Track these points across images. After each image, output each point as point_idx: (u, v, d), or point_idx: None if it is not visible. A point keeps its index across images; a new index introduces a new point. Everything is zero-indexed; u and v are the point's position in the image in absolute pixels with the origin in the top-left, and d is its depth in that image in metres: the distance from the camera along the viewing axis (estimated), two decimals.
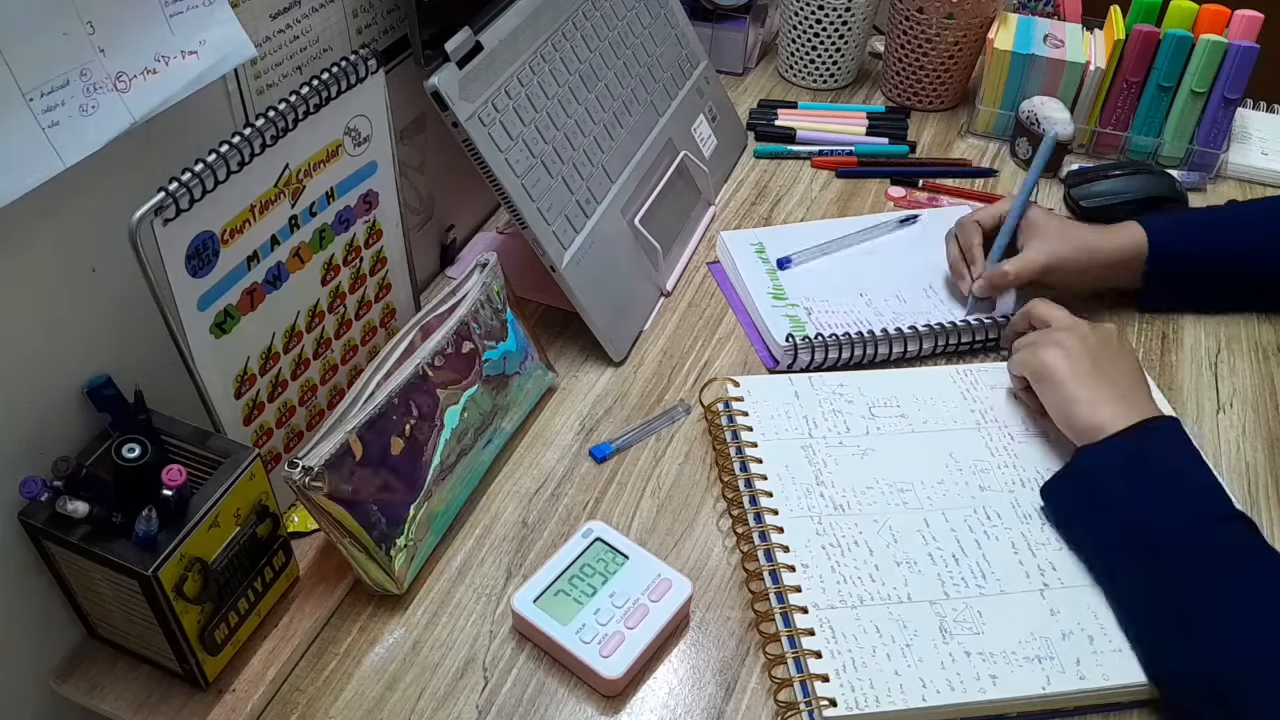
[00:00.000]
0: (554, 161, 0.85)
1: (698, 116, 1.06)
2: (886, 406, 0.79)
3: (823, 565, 0.67)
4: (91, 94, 0.54)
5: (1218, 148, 1.09)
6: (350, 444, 0.63)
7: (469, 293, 0.74)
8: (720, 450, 0.77)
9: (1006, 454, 0.76)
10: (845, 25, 1.20)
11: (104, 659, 0.64)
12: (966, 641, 0.63)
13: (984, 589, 0.67)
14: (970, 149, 1.15)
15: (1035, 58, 1.10)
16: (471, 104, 0.77)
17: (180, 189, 0.55)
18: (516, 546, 0.71)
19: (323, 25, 0.73)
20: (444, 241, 0.97)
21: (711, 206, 1.04)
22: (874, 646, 0.63)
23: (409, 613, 0.67)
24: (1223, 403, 0.84)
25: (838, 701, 0.60)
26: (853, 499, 0.72)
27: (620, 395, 0.83)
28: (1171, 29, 1.05)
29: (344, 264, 0.73)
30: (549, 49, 0.88)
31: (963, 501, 0.72)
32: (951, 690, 0.61)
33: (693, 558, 0.71)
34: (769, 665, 0.64)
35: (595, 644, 0.62)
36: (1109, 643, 0.64)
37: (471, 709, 0.62)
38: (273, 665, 0.63)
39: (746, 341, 0.89)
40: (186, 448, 0.60)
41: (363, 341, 0.78)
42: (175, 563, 0.55)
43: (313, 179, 0.67)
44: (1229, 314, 0.92)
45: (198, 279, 0.59)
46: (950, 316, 0.88)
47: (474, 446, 0.72)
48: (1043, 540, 0.70)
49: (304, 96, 0.63)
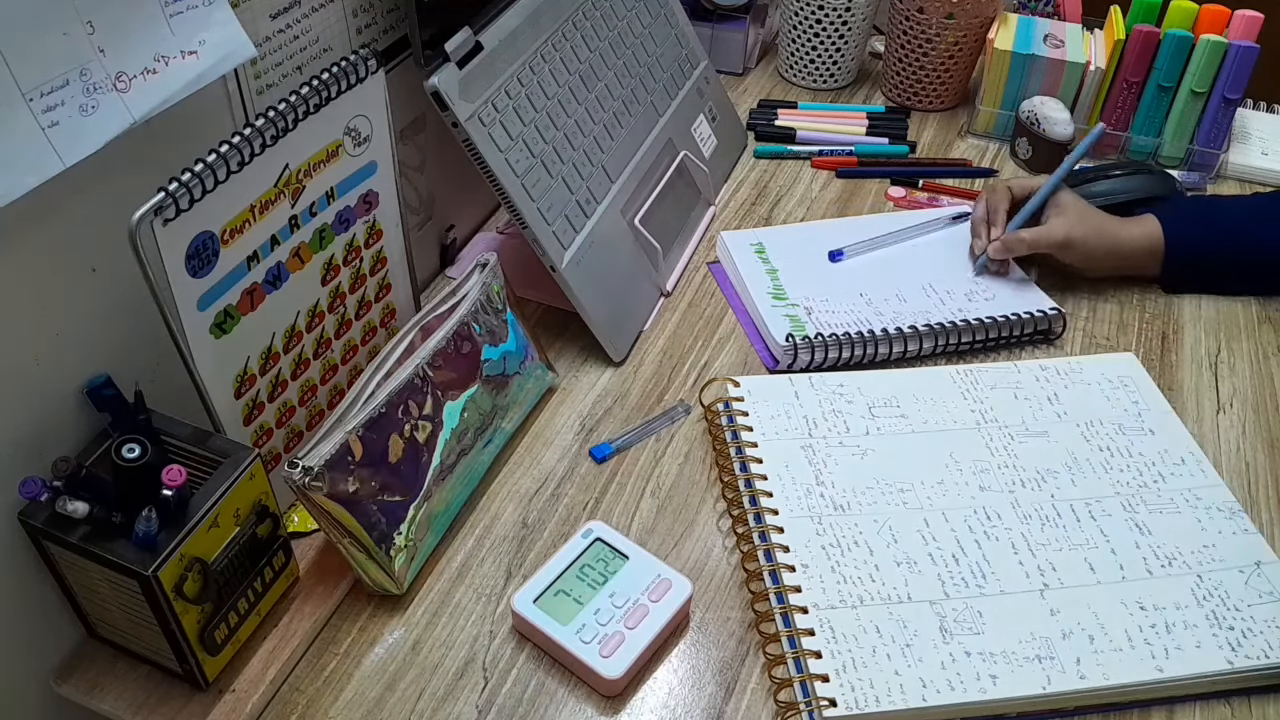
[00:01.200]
0: (554, 161, 0.85)
1: (698, 116, 1.06)
2: (886, 406, 0.79)
3: (823, 565, 0.67)
4: (91, 94, 0.54)
5: (1218, 148, 1.09)
6: (350, 444, 0.63)
7: (469, 293, 0.74)
8: (720, 450, 0.77)
9: (1006, 454, 0.76)
10: (845, 25, 1.20)
11: (104, 659, 0.64)
12: (966, 641, 0.63)
13: (984, 589, 0.67)
14: (970, 149, 1.15)
15: (1035, 58, 1.10)
16: (471, 104, 0.77)
17: (180, 189, 0.55)
18: (516, 546, 0.71)
19: (323, 25, 0.73)
20: (444, 241, 0.97)
21: (711, 206, 1.04)
22: (874, 646, 0.63)
23: (409, 613, 0.67)
24: (1223, 403, 0.84)
25: (838, 701, 0.60)
26: (853, 499, 0.72)
27: (620, 395, 0.83)
28: (1171, 29, 1.05)
29: (344, 264, 0.73)
30: (549, 49, 0.88)
31: (963, 501, 0.72)
32: (952, 690, 0.61)
33: (693, 558, 0.71)
34: (769, 665, 0.64)
35: (595, 644, 0.62)
36: (1109, 642, 0.64)
37: (471, 709, 0.62)
38: (273, 665, 0.63)
39: (746, 341, 0.89)
40: (186, 448, 0.60)
41: (363, 341, 0.78)
42: (175, 563, 0.55)
43: (313, 179, 0.67)
44: (1229, 314, 0.92)
45: (198, 279, 0.59)
46: (951, 316, 0.88)
47: (474, 446, 0.72)
48: (1043, 540, 0.70)
49: (304, 96, 0.63)
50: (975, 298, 0.91)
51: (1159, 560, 0.69)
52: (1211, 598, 0.66)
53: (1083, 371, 0.83)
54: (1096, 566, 0.68)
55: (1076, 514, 0.72)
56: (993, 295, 0.91)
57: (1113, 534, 0.70)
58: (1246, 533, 0.71)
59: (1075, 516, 0.71)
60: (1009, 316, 0.87)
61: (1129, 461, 0.76)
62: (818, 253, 0.96)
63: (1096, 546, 0.69)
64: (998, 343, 0.88)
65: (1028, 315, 0.87)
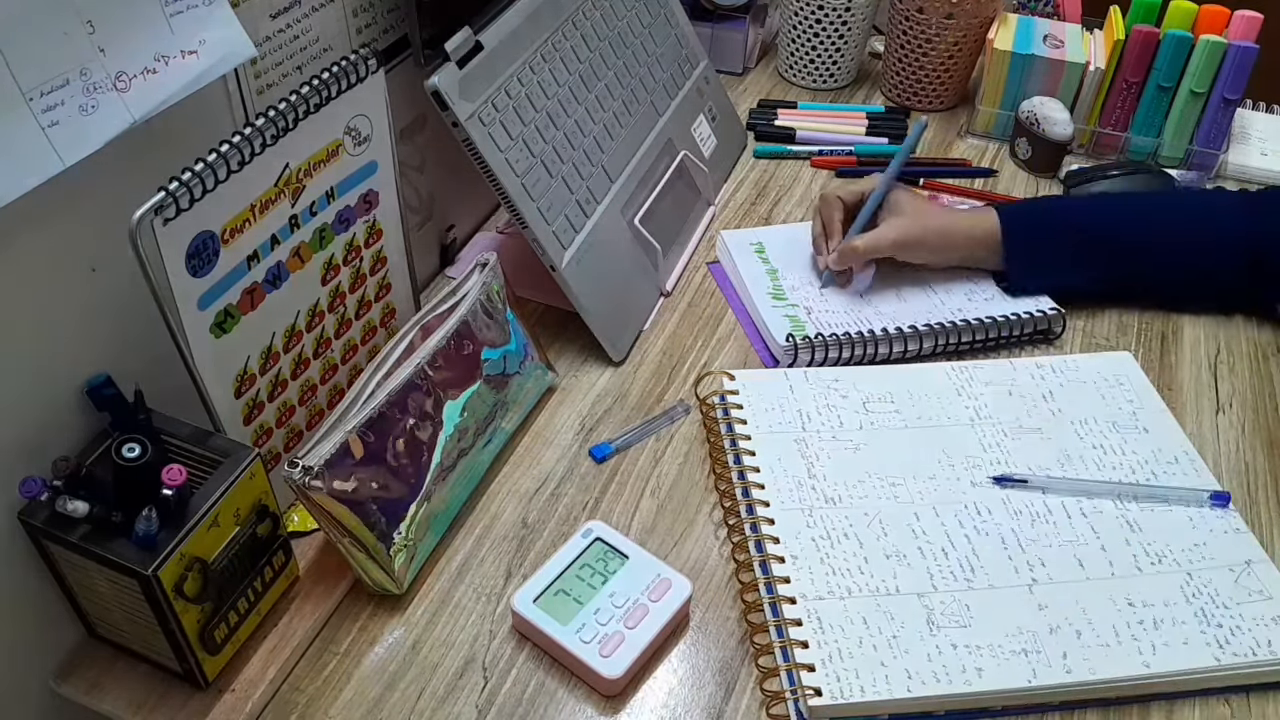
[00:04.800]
0: (554, 161, 0.85)
1: (698, 116, 1.06)
2: (881, 402, 0.80)
3: (812, 557, 0.68)
4: (91, 94, 0.54)
5: (1217, 148, 1.09)
6: (350, 444, 0.63)
7: (469, 293, 0.74)
8: (714, 443, 0.77)
9: (999, 450, 0.76)
10: (845, 25, 1.20)
11: (104, 659, 0.64)
12: (953, 634, 0.64)
13: (972, 583, 0.67)
14: (970, 149, 1.15)
15: (1035, 58, 1.10)
16: (471, 104, 0.77)
17: (180, 188, 0.55)
18: (516, 546, 0.71)
19: (323, 25, 0.73)
20: (444, 241, 0.97)
21: (711, 206, 1.04)
22: (860, 637, 0.63)
23: (409, 612, 0.67)
24: (1222, 403, 0.84)
25: (823, 690, 0.60)
26: (844, 492, 0.72)
27: (620, 395, 0.83)
28: (1171, 29, 1.05)
29: (344, 264, 0.73)
30: (549, 49, 0.88)
31: (954, 496, 0.73)
32: (937, 681, 0.61)
33: (692, 557, 0.71)
34: (756, 654, 0.64)
35: (595, 644, 0.62)
36: (1096, 637, 0.64)
37: (471, 709, 0.62)
38: (272, 665, 0.63)
39: (746, 341, 0.89)
40: (186, 447, 0.60)
41: (363, 341, 0.78)
42: (175, 562, 0.55)
43: (313, 179, 0.67)
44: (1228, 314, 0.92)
45: (198, 279, 0.59)
46: (950, 316, 0.88)
47: (474, 446, 0.72)
48: (1033, 536, 0.70)
49: (304, 96, 0.63)
50: (975, 297, 0.91)
51: (1149, 557, 0.69)
52: (1200, 595, 0.66)
53: (1078, 370, 0.83)
54: (1086, 563, 0.68)
55: (1067, 510, 0.72)
56: (992, 295, 0.91)
57: (1103, 531, 0.70)
58: (1238, 531, 0.71)
59: (1066, 513, 0.72)
60: (1008, 316, 0.87)
61: (1122, 459, 0.76)
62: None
63: (1086, 543, 0.70)
64: (997, 342, 0.88)
65: (1027, 315, 0.88)
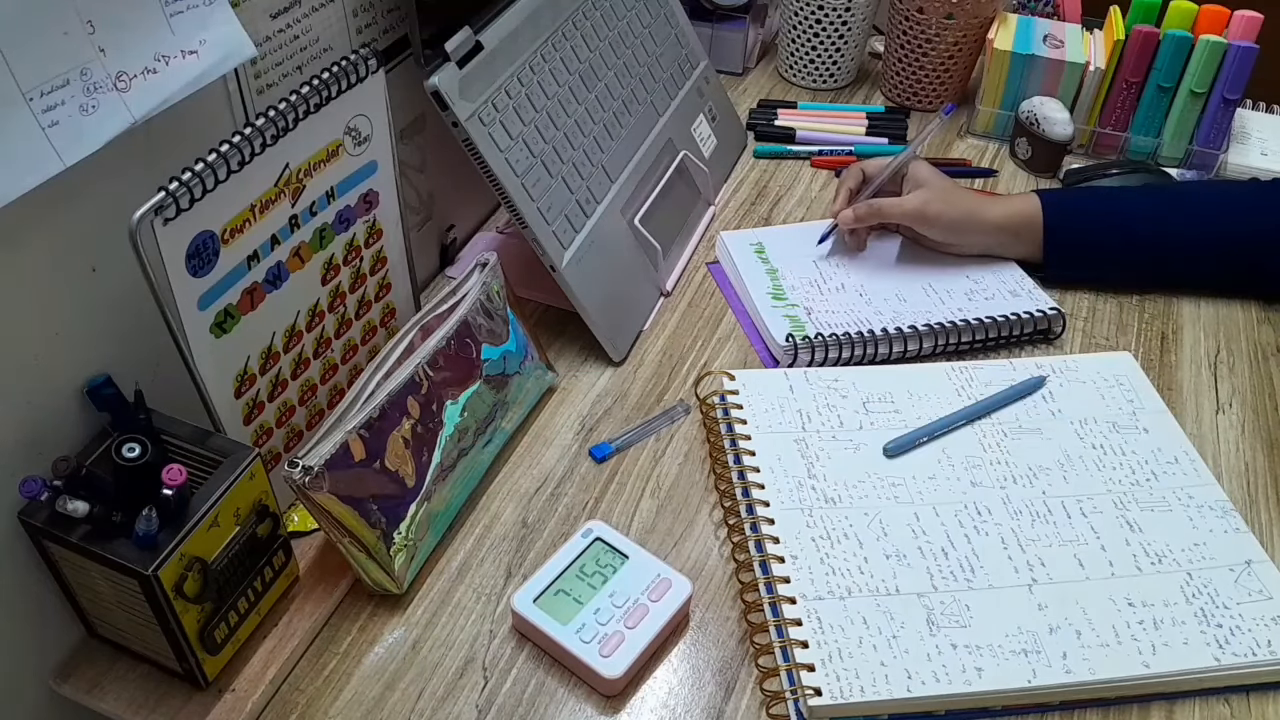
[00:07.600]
0: (554, 161, 0.85)
1: (698, 116, 1.06)
2: (880, 402, 0.80)
3: (812, 557, 0.68)
4: (91, 94, 0.54)
5: (1217, 148, 1.09)
6: (350, 444, 0.63)
7: (469, 293, 0.74)
8: (714, 443, 0.77)
9: (999, 450, 0.76)
10: (845, 25, 1.20)
11: (103, 658, 0.64)
12: (953, 634, 0.64)
13: (972, 583, 0.67)
14: (970, 149, 1.15)
15: (1035, 58, 1.10)
16: (471, 104, 0.77)
17: (180, 188, 0.55)
18: (516, 546, 0.71)
19: (323, 25, 0.73)
20: (444, 241, 0.97)
21: (711, 206, 1.04)
22: (860, 637, 0.63)
23: (409, 612, 0.67)
24: (1222, 403, 0.84)
25: (822, 690, 0.60)
26: (844, 492, 0.72)
27: (620, 395, 0.83)
28: (1171, 29, 1.05)
29: (344, 263, 0.73)
30: (549, 49, 0.88)
31: (953, 496, 0.73)
32: (937, 681, 0.61)
33: (692, 557, 0.71)
34: (756, 654, 0.64)
35: (595, 644, 0.62)
36: (1096, 637, 0.64)
37: (471, 709, 0.62)
38: (272, 665, 0.63)
39: (746, 341, 0.89)
40: (186, 447, 0.60)
41: (363, 341, 0.78)
42: (175, 562, 0.55)
43: (313, 178, 0.67)
44: (1229, 314, 0.92)
45: (198, 279, 0.59)
46: (950, 316, 0.88)
47: (474, 446, 0.72)
48: (1033, 536, 0.70)
49: (304, 96, 0.63)
50: (975, 297, 0.91)
51: (1149, 558, 0.69)
52: (1200, 595, 0.66)
53: (1078, 370, 0.83)
54: (1086, 563, 0.68)
55: (1067, 510, 0.72)
56: (992, 295, 0.91)
57: (1103, 531, 0.70)
58: (1238, 531, 0.71)
59: (1066, 513, 0.72)
60: (1009, 316, 0.87)
61: (1122, 459, 0.76)
62: (818, 253, 0.96)
63: (1086, 543, 0.70)
64: (997, 342, 0.88)
65: (1027, 315, 0.88)
